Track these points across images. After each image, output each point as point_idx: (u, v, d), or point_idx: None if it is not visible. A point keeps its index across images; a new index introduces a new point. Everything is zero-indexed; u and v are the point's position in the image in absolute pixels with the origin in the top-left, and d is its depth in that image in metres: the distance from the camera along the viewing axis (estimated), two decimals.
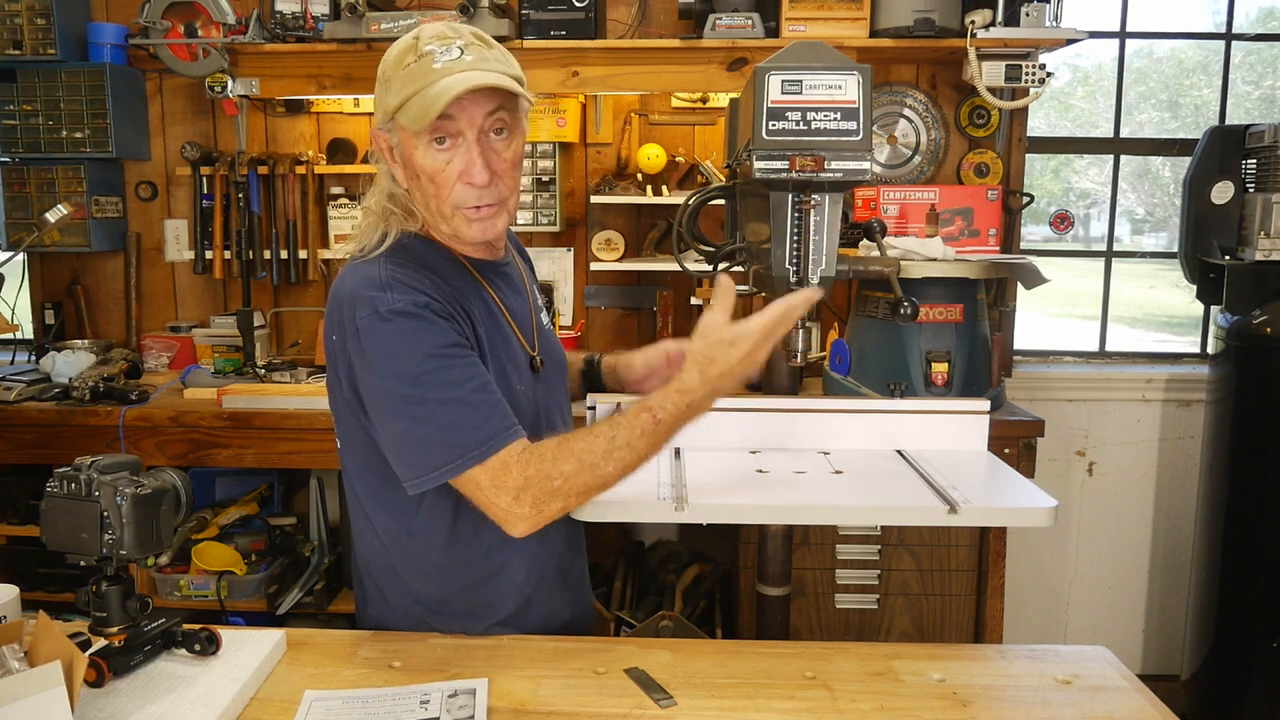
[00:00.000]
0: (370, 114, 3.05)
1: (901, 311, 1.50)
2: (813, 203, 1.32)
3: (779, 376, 1.74)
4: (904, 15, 2.62)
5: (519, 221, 2.90)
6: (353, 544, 1.44)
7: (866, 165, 1.26)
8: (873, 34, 2.67)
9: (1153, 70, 3.75)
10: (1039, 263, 2.41)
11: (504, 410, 1.21)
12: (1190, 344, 3.46)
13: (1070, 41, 2.64)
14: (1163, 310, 4.79)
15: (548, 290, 3.06)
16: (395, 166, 1.29)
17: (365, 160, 3.05)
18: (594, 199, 2.91)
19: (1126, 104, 3.20)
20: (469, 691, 1.12)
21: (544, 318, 1.49)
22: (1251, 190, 2.73)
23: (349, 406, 1.29)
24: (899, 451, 1.53)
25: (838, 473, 1.42)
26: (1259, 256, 2.62)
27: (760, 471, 1.42)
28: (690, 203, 1.69)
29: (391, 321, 1.19)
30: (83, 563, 1.11)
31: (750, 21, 2.67)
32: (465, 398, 1.19)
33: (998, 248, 2.76)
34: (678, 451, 1.51)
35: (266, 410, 2.49)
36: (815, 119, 1.25)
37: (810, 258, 1.34)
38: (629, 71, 2.77)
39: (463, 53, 1.21)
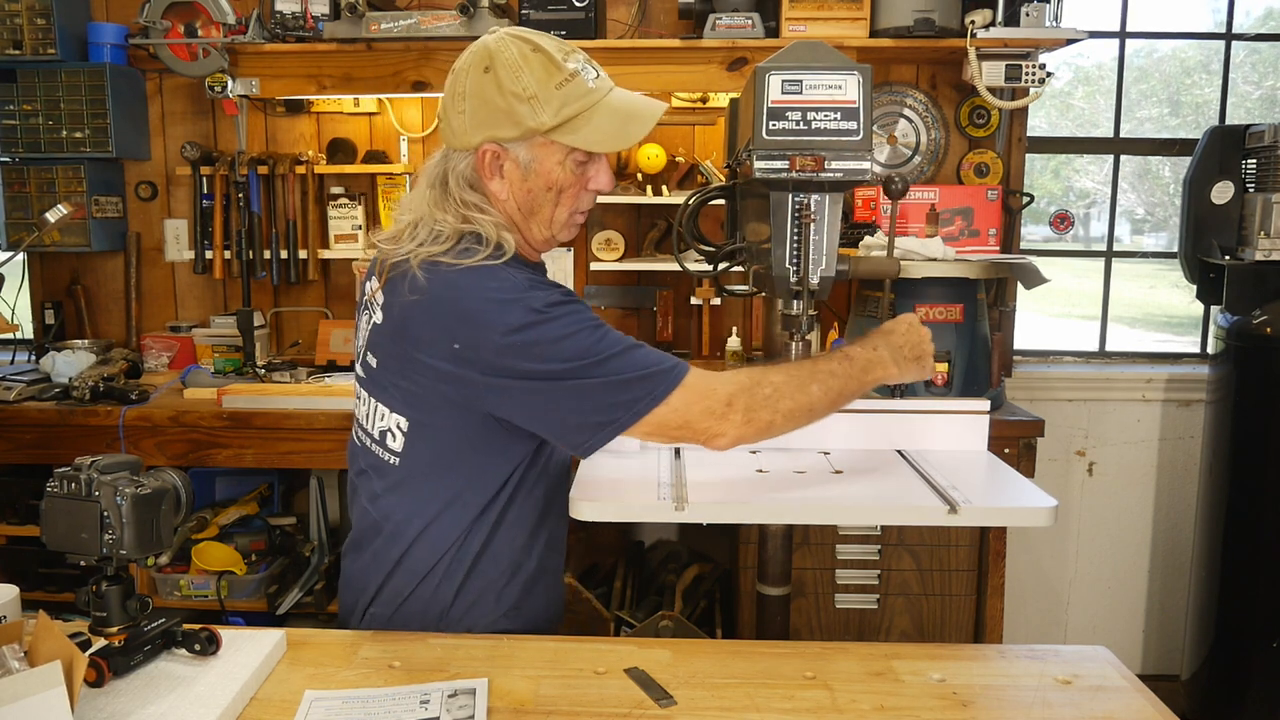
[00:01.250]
0: (371, 114, 3.08)
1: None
2: (812, 205, 1.32)
3: None
4: (904, 15, 2.62)
5: None
6: (365, 567, 1.41)
7: (866, 165, 1.26)
8: (873, 34, 2.67)
9: (1155, 69, 3.75)
10: (1039, 263, 2.41)
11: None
12: (1190, 344, 3.45)
13: (1070, 41, 2.64)
14: (1163, 310, 4.79)
15: None
16: (493, 179, 1.29)
17: (365, 160, 3.05)
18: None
19: (1128, 102, 3.20)
20: (469, 691, 1.12)
21: None
22: (1251, 190, 2.73)
23: (457, 408, 1.27)
24: (899, 451, 1.53)
25: (838, 473, 1.42)
26: (1259, 256, 2.62)
27: (760, 471, 1.42)
28: (690, 203, 1.69)
29: (550, 312, 1.22)
30: (83, 563, 1.10)
31: (750, 21, 2.67)
32: (639, 343, 1.25)
33: (998, 248, 2.76)
34: (678, 451, 1.51)
35: (266, 410, 2.49)
36: (815, 119, 1.25)
37: (810, 258, 1.35)
38: (629, 71, 2.76)
39: (595, 71, 1.30)
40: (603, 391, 1.22)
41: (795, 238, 1.34)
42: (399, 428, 1.32)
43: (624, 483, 1.32)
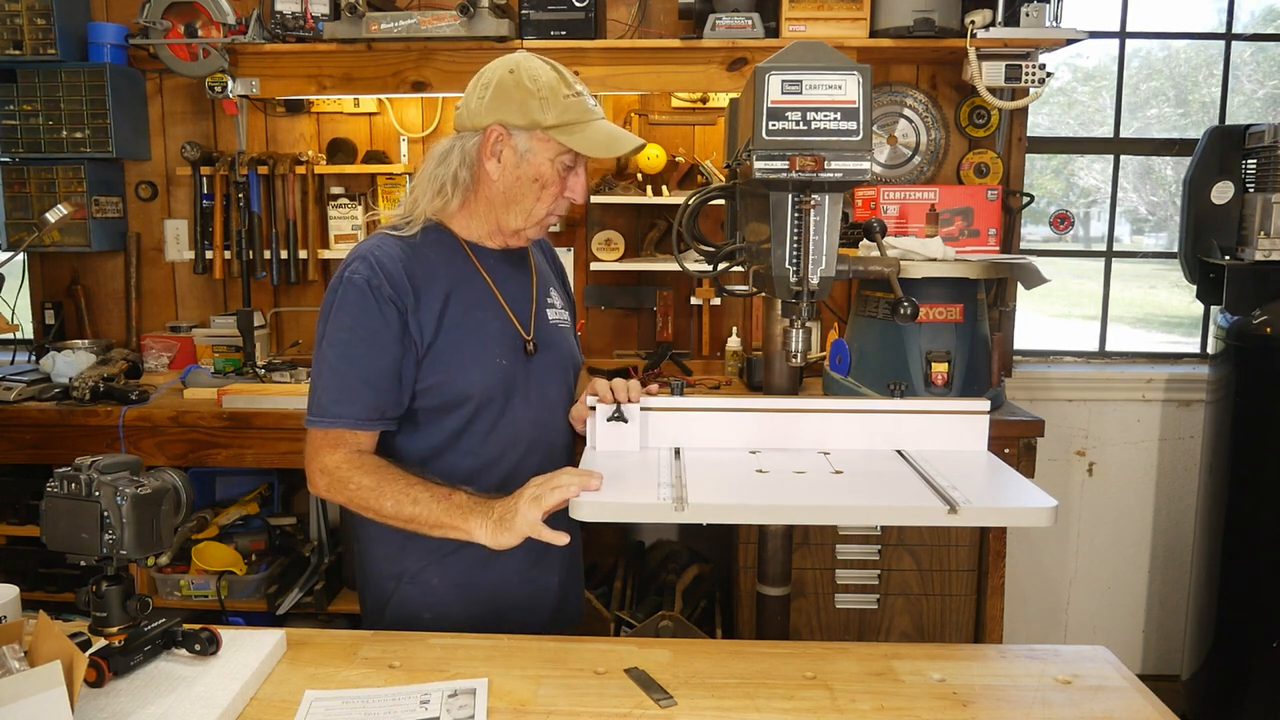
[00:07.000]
0: (371, 114, 3.08)
1: (901, 311, 1.50)
2: (813, 203, 1.32)
3: (779, 376, 1.74)
4: (904, 15, 2.62)
5: None
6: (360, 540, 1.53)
7: (866, 165, 1.26)
8: (873, 34, 2.67)
9: (1162, 66, 3.75)
10: (1039, 263, 2.41)
11: (372, 399, 1.39)
12: (1190, 344, 3.45)
13: (1070, 41, 2.64)
14: (1163, 310, 4.79)
15: None
16: (491, 160, 1.43)
17: (365, 160, 3.05)
18: (594, 199, 2.90)
19: (1136, 100, 3.19)
20: (469, 691, 1.12)
21: (550, 312, 1.59)
22: (1251, 190, 2.73)
23: None
24: (899, 451, 1.53)
25: (838, 473, 1.42)
26: (1259, 256, 2.62)
27: (760, 471, 1.42)
28: (690, 203, 1.69)
29: (345, 285, 1.42)
30: (83, 563, 1.11)
31: (750, 21, 2.67)
32: (347, 372, 1.39)
33: (998, 248, 2.76)
34: (678, 451, 1.51)
35: (266, 410, 2.49)
36: (815, 119, 1.25)
37: (810, 258, 1.34)
38: (629, 71, 2.77)
39: (595, 101, 1.47)
40: (316, 371, 1.42)
41: (795, 238, 1.34)
42: None
43: (624, 483, 1.32)
